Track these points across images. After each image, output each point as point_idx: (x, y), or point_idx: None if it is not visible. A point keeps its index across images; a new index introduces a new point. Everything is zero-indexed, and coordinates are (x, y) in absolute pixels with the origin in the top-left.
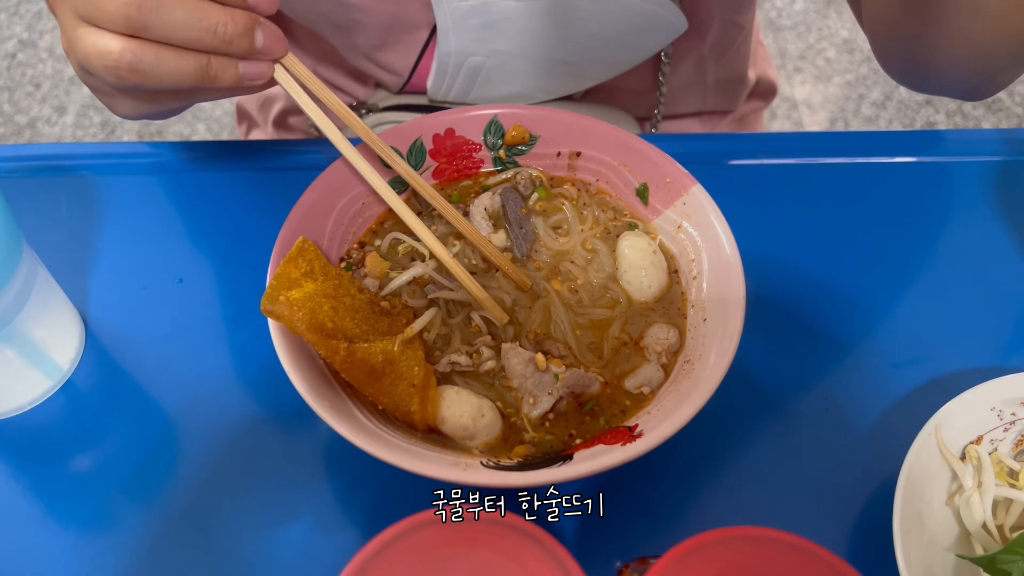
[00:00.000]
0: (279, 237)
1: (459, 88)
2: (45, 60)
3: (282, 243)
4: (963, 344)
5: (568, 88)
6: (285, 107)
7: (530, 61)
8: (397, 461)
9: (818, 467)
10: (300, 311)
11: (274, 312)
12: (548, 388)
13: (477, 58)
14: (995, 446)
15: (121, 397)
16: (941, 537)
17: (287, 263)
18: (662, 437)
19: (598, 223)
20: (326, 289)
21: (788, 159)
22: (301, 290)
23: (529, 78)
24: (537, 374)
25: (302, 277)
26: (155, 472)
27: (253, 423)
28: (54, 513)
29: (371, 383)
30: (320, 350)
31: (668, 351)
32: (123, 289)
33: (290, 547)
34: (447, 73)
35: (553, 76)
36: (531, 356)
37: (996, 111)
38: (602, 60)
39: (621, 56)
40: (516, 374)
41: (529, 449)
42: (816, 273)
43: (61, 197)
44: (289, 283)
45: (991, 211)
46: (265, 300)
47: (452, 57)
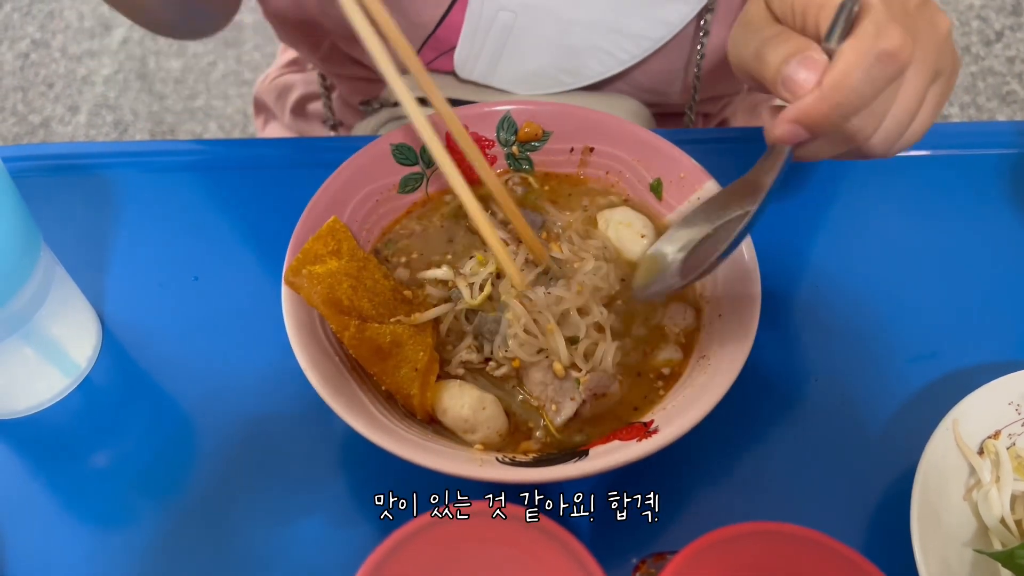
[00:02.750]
0: (301, 218)
1: (488, 54)
2: (58, 60)
3: (304, 223)
4: (979, 338)
5: (593, 68)
6: (303, 94)
7: (555, 22)
8: (414, 457)
9: (834, 462)
10: (319, 285)
11: (295, 284)
12: (571, 393)
13: (507, 13)
14: (1013, 440)
15: (138, 394)
16: (959, 532)
17: (316, 240)
18: (678, 433)
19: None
20: (349, 269)
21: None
22: (324, 266)
23: (555, 49)
24: (556, 381)
25: (328, 255)
26: (171, 468)
27: (268, 420)
28: (72, 509)
29: (376, 362)
30: (332, 323)
31: (685, 330)
32: (139, 287)
33: (306, 543)
34: (477, 30)
35: (578, 49)
36: (549, 363)
37: (1011, 103)
38: (625, 31)
39: (644, 29)
40: (535, 383)
41: (536, 445)
42: (831, 268)
43: (77, 196)
44: (314, 258)
45: (1006, 204)
46: (288, 272)
47: (486, 6)
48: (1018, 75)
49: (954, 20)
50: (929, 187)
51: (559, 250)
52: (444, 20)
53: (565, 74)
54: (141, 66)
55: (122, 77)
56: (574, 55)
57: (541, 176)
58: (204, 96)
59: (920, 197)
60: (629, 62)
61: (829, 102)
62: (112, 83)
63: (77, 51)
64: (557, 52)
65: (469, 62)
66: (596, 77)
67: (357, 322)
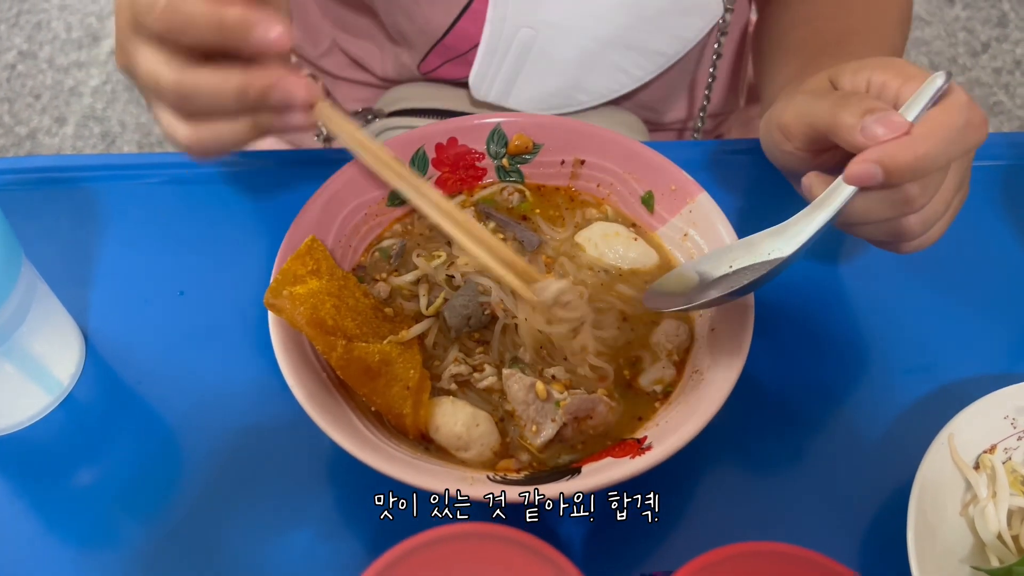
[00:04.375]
0: (287, 235)
1: (506, 74)
2: (45, 71)
3: (289, 241)
4: (974, 351)
5: (608, 87)
6: None
7: (575, 40)
8: (404, 476)
9: (829, 478)
10: (302, 306)
11: (276, 306)
12: (551, 415)
13: (528, 30)
14: (1009, 455)
15: (122, 411)
16: (956, 548)
17: (294, 259)
18: (672, 449)
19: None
20: (330, 288)
21: None
22: (305, 286)
23: (573, 68)
24: (538, 402)
25: (308, 274)
26: (157, 487)
27: (255, 436)
28: (56, 530)
29: (366, 382)
30: (318, 345)
31: (679, 348)
32: (124, 302)
33: (293, 562)
34: (496, 49)
35: (595, 68)
36: (531, 383)
37: (998, 113)
38: (642, 47)
39: (660, 45)
40: (518, 401)
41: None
42: (824, 280)
43: (60, 210)
44: (294, 279)
45: (999, 215)
46: (269, 294)
47: (507, 23)
48: (1005, 86)
49: (941, 32)
50: None
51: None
52: (453, 27)
53: (581, 92)
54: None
55: (110, 88)
56: (591, 73)
57: (534, 188)
58: None
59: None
60: (644, 79)
61: (915, 150)
62: (100, 94)
63: (64, 62)
64: (575, 71)
65: (486, 82)
66: (610, 95)
67: (344, 342)
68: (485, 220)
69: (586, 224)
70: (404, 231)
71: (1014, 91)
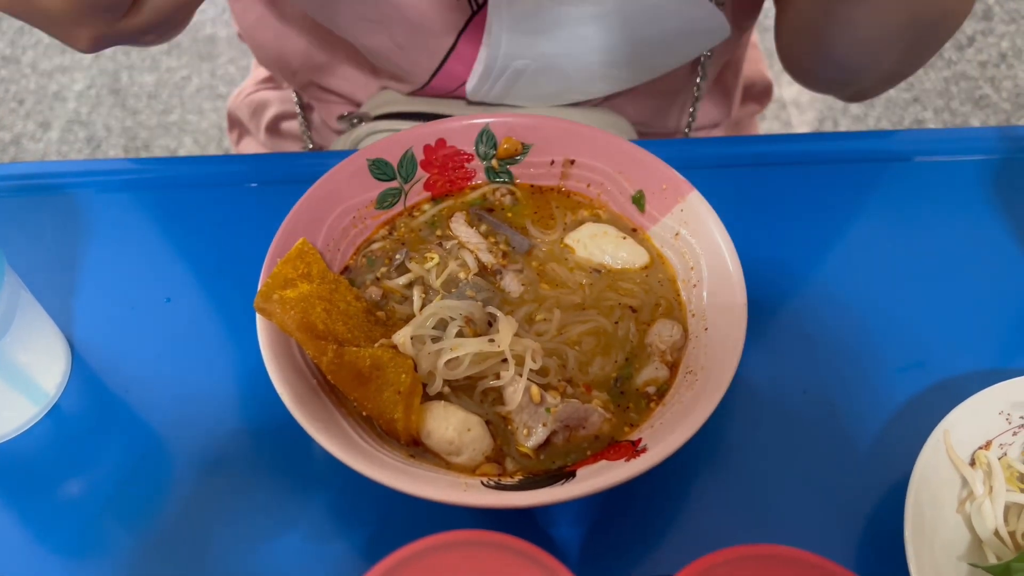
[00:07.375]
0: (275, 240)
1: (499, 90)
2: (28, 76)
3: (277, 246)
4: (967, 347)
5: (604, 90)
6: (278, 113)
7: (574, 64)
8: (396, 484)
9: (825, 477)
10: (292, 310)
11: (266, 310)
12: (543, 419)
13: (523, 61)
14: (1004, 451)
15: (109, 421)
16: (953, 545)
17: (284, 263)
18: (667, 452)
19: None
20: (321, 292)
21: (785, 162)
22: (296, 290)
23: (570, 81)
24: (532, 406)
25: (298, 278)
26: (145, 495)
27: (243, 443)
28: (44, 540)
29: (357, 387)
30: (308, 349)
31: (673, 348)
32: (109, 310)
33: (282, 570)
34: (491, 77)
35: (592, 79)
36: (527, 386)
37: (984, 107)
38: (643, 64)
39: (664, 61)
40: (512, 403)
41: (513, 466)
42: (817, 278)
43: (44, 216)
44: (284, 283)
45: (991, 210)
46: (259, 298)
47: (499, 60)
48: (990, 79)
49: None
50: (914, 195)
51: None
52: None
53: (578, 94)
54: (114, 81)
55: (94, 92)
56: (585, 83)
57: (526, 188)
58: (179, 111)
59: (905, 205)
60: (638, 83)
61: None
62: (84, 99)
63: (48, 67)
64: (568, 83)
65: (479, 96)
66: (603, 93)
67: (335, 347)
68: (477, 223)
69: (575, 226)
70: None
71: (1000, 84)
